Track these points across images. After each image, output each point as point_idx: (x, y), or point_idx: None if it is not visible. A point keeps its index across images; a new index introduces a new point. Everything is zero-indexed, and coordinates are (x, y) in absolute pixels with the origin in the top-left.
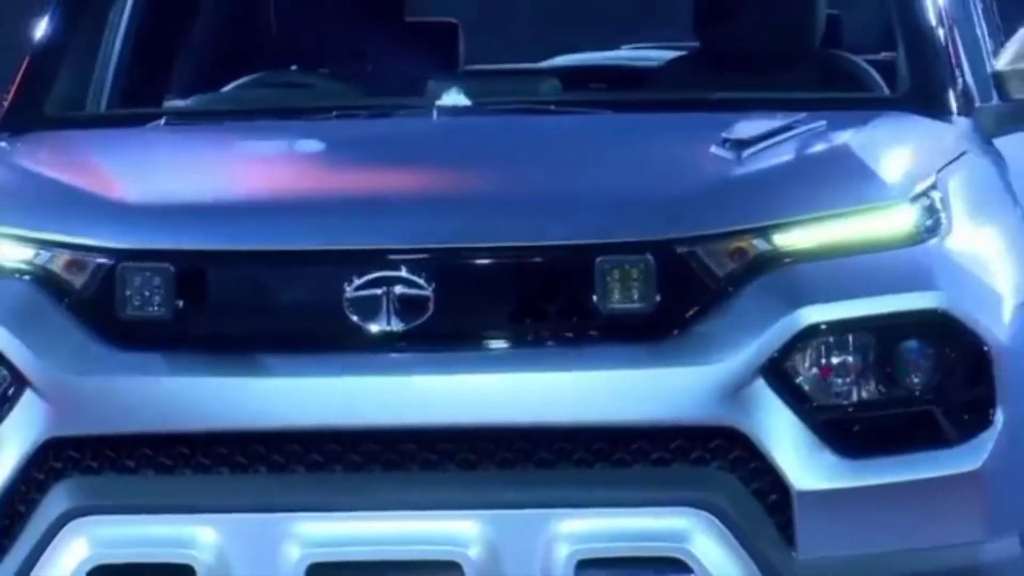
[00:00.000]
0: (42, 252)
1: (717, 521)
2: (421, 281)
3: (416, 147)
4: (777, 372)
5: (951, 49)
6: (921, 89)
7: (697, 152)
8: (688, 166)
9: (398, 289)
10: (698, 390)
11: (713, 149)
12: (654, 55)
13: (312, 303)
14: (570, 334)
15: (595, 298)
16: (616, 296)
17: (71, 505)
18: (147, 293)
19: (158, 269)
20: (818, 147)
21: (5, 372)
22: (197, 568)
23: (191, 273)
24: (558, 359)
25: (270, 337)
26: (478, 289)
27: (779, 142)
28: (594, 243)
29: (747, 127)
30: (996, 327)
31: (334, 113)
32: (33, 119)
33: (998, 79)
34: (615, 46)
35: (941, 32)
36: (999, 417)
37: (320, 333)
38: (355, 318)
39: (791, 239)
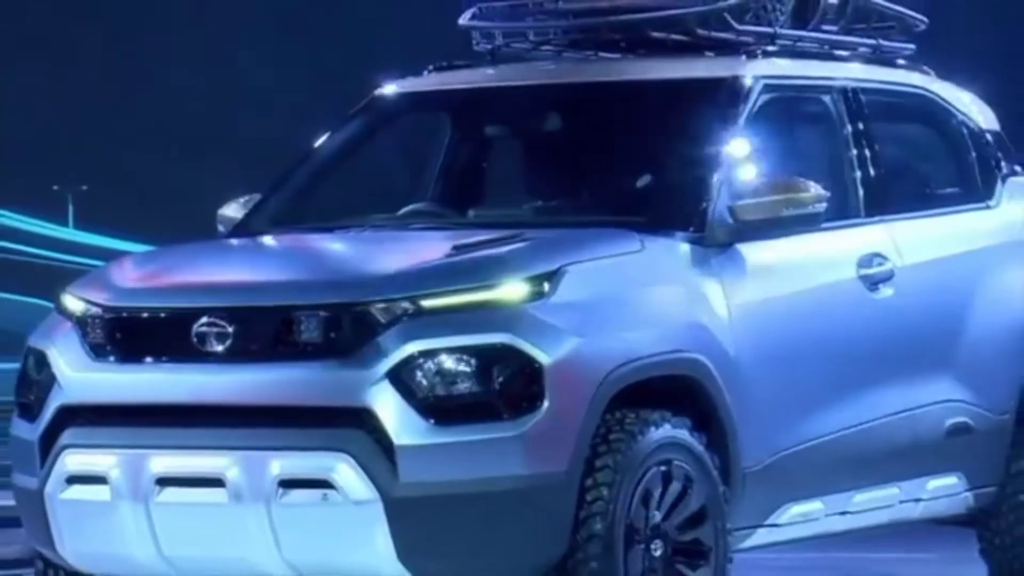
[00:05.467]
0: (83, 305)
1: (352, 460)
2: (225, 324)
3: (289, 250)
4: (396, 376)
5: (698, 184)
6: (656, 215)
7: (421, 251)
8: (394, 260)
9: (215, 328)
10: (350, 386)
11: (437, 249)
12: None
13: (177, 334)
14: (289, 354)
15: (297, 335)
16: (305, 334)
17: (65, 443)
18: (97, 329)
19: (99, 315)
20: (495, 249)
21: (52, 373)
22: (108, 478)
23: (116, 318)
24: (282, 368)
25: (156, 352)
26: (251, 328)
27: (482, 246)
28: (295, 304)
29: (481, 236)
30: (552, 354)
31: (350, 229)
32: (240, 228)
33: (733, 210)
34: None
35: (700, 172)
36: (545, 405)
37: (181, 351)
38: (196, 343)
39: (428, 302)
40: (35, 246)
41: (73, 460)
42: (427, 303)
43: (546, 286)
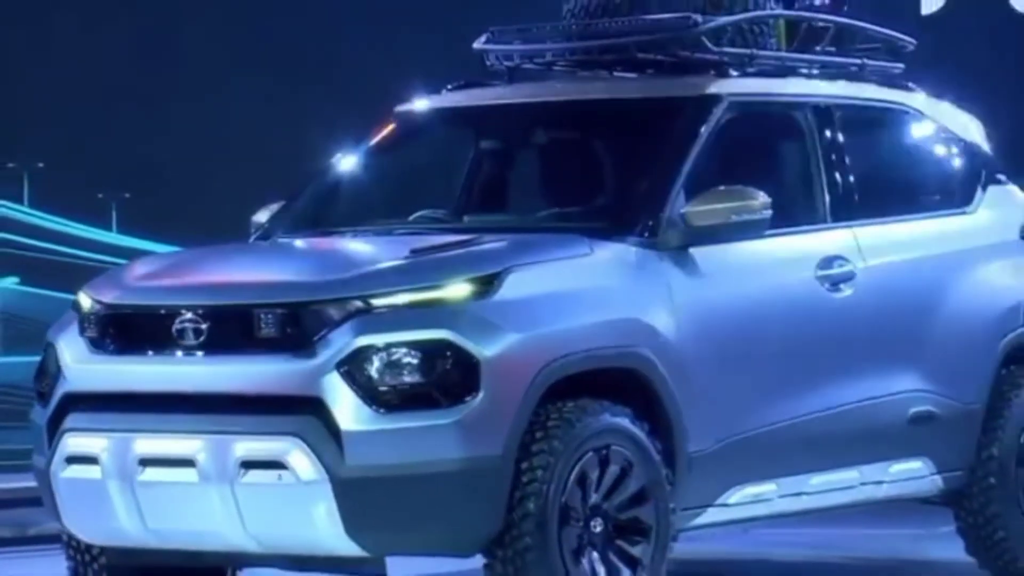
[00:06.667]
0: (90, 302)
1: (304, 443)
2: (200, 320)
3: (272, 252)
4: (345, 368)
5: (653, 192)
6: (613, 221)
7: (384, 253)
8: (354, 261)
9: (191, 324)
10: (303, 376)
11: (398, 252)
12: None
13: (161, 329)
14: (253, 347)
15: (257, 330)
16: (266, 330)
17: (67, 427)
18: (94, 323)
19: (96, 311)
20: (446, 252)
21: (59, 365)
22: (99, 458)
23: (109, 315)
24: (245, 360)
25: (142, 345)
26: (221, 324)
27: (438, 249)
28: (254, 303)
29: (439, 240)
30: (488, 349)
31: (345, 233)
32: (260, 234)
33: (684, 216)
34: None
35: (657, 181)
36: (480, 395)
37: (163, 344)
38: (177, 337)
39: (377, 300)
40: (80, 248)
41: (72, 442)
42: (376, 301)
43: (490, 286)
